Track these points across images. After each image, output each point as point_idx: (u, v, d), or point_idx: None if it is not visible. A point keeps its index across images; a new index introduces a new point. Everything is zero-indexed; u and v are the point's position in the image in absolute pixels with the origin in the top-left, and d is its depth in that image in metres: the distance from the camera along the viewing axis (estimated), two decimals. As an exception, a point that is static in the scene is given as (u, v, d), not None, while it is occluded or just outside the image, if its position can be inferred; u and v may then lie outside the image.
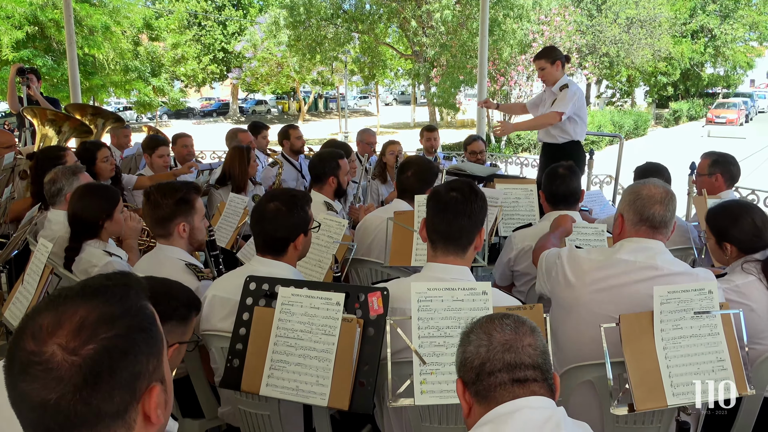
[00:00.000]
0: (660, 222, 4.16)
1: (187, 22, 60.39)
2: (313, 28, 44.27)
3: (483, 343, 2.54)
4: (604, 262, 4.21)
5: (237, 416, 4.25)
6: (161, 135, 10.87)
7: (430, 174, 6.33)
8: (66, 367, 1.69)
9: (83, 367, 1.70)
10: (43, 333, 1.73)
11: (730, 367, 3.62)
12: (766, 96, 78.55)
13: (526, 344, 2.52)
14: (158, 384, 1.89)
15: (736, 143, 38.21)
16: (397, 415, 3.98)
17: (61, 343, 1.71)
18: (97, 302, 1.81)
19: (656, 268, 4.08)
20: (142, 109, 50.13)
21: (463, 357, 2.60)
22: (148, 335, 1.87)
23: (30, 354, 1.71)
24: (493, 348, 2.51)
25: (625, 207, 4.29)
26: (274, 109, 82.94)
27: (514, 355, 2.49)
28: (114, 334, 1.77)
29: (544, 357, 2.56)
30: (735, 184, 6.87)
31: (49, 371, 1.69)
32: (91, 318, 1.76)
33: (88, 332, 1.74)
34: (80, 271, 5.35)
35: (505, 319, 2.61)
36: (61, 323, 1.74)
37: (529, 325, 2.60)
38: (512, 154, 27.41)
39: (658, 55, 52.20)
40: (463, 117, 56.23)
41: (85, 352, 1.71)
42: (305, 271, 5.40)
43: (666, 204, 4.16)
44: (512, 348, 2.50)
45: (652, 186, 4.25)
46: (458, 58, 39.18)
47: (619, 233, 4.35)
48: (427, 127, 11.92)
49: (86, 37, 36.81)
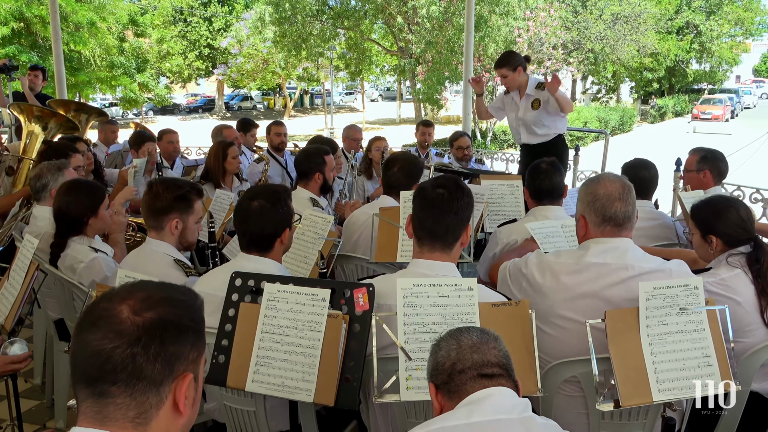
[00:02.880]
0: (623, 219, 4.12)
1: (172, 18, 60.27)
2: (298, 25, 44.23)
3: (453, 347, 2.76)
4: (574, 266, 4.15)
5: (223, 412, 4.25)
6: (148, 131, 10.85)
7: (416, 169, 6.33)
8: (128, 324, 1.96)
9: (141, 327, 1.97)
10: (118, 297, 2.04)
11: (716, 363, 3.62)
12: (751, 92, 78.92)
13: (491, 347, 2.75)
14: (192, 376, 2.10)
15: (721, 139, 38.30)
16: (383, 410, 3.97)
17: (130, 304, 2.00)
18: (165, 288, 2.15)
19: (628, 268, 4.04)
20: (127, 105, 50.18)
21: (435, 362, 2.81)
22: (197, 329, 2.15)
23: (102, 310, 2.01)
24: (462, 350, 2.73)
25: (585, 209, 4.22)
26: (260, 105, 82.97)
27: (481, 355, 2.71)
28: (173, 312, 2.06)
29: (507, 360, 2.78)
30: (723, 180, 6.88)
31: (112, 324, 1.96)
32: (158, 295, 2.07)
33: (153, 302, 2.03)
34: (66, 267, 5.35)
35: (471, 330, 2.85)
36: (134, 292, 2.06)
37: (492, 334, 2.84)
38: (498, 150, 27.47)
39: (644, 51, 52.33)
40: (448, 113, 56.28)
41: (147, 315, 1.99)
42: (291, 267, 5.39)
43: (625, 199, 4.12)
44: (479, 349, 2.73)
45: (607, 182, 4.20)
46: (444, 54, 39.21)
47: (583, 235, 4.28)
48: (424, 122, 11.93)
49: (72, 33, 36.82)
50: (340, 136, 11.61)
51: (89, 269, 5.18)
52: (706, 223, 4.67)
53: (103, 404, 1.95)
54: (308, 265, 5.48)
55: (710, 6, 61.41)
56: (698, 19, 60.60)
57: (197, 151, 15.73)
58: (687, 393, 3.59)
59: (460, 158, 10.78)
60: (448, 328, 2.88)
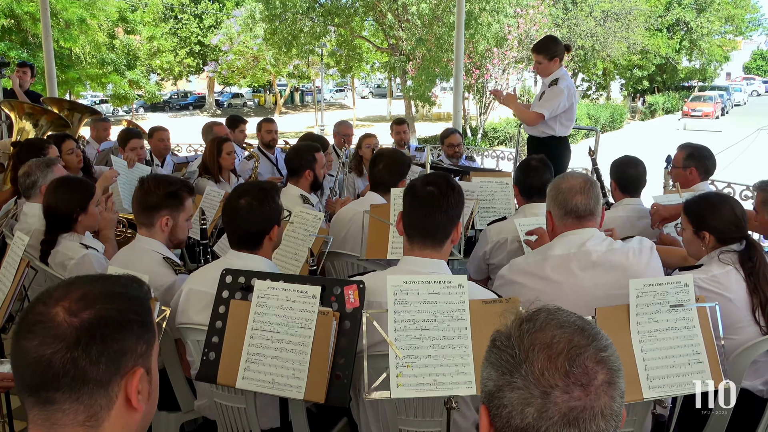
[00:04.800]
0: (584, 211, 4.27)
1: (163, 15, 60.16)
2: (288, 22, 44.11)
3: (533, 401, 1.71)
4: (542, 262, 4.30)
5: (213, 409, 4.25)
6: (138, 128, 10.85)
7: (403, 166, 6.34)
8: (65, 327, 1.88)
9: (78, 328, 1.89)
10: (53, 298, 1.94)
11: (706, 360, 3.63)
12: (742, 89, 79.03)
13: (597, 411, 1.71)
14: (143, 369, 2.02)
15: (712, 136, 38.33)
16: (373, 408, 3.98)
17: (65, 305, 1.91)
18: (103, 283, 2.06)
19: (590, 252, 4.20)
20: (118, 102, 50.09)
21: (497, 396, 1.79)
22: (142, 320, 2.05)
23: (38, 314, 1.92)
24: (549, 416, 1.70)
25: (550, 203, 4.42)
26: (251, 103, 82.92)
27: (578, 430, 1.70)
28: (112, 307, 1.97)
29: (617, 422, 1.76)
30: (710, 177, 6.89)
31: (49, 329, 1.88)
32: (96, 292, 1.99)
33: (89, 301, 1.95)
34: (56, 264, 5.35)
35: (577, 356, 1.75)
36: (69, 292, 1.96)
37: (608, 368, 1.77)
38: (488, 147, 27.48)
39: (634, 48, 52.38)
40: (439, 110, 56.29)
41: (84, 315, 1.91)
42: (281, 264, 5.40)
43: (587, 192, 4.27)
44: (577, 420, 1.70)
45: (570, 178, 4.38)
46: (434, 51, 39.18)
47: (551, 229, 4.47)
48: (396, 121, 11.92)
49: (62, 30, 36.67)
50: (331, 133, 11.61)
51: (80, 266, 5.18)
52: (700, 218, 4.68)
53: (50, 411, 1.91)
54: (298, 262, 5.49)
55: (700, 3, 61.43)
56: (689, 16, 60.62)
57: (188, 149, 15.74)
58: (677, 390, 3.60)
59: (451, 155, 10.78)
60: (438, 325, 2.86)
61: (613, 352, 1.81)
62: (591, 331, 1.84)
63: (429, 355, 3.40)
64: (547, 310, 1.88)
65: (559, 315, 1.86)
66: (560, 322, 1.83)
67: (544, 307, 1.90)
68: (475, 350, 3.43)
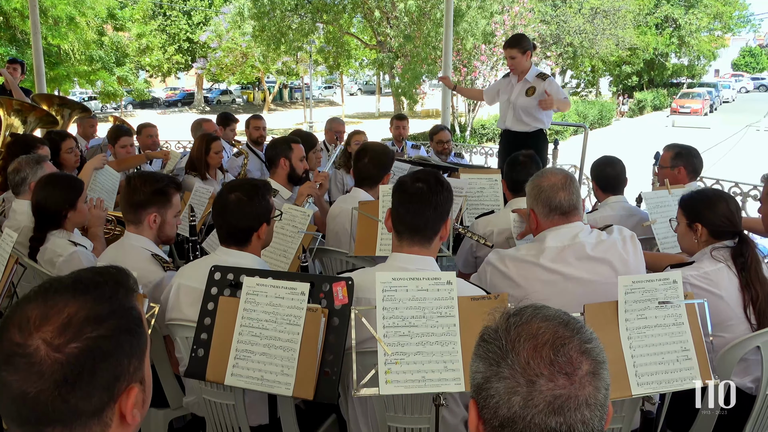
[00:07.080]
0: (569, 207, 4.33)
1: (151, 12, 60.06)
2: (277, 19, 44.11)
3: (519, 390, 1.76)
4: (536, 255, 4.32)
5: (202, 406, 4.24)
6: (126, 125, 10.83)
7: (387, 159, 6.35)
8: (48, 363, 1.69)
9: (65, 365, 1.70)
10: (30, 326, 1.73)
11: (695, 357, 3.63)
12: (730, 86, 79.16)
13: (582, 400, 1.74)
14: (137, 385, 1.88)
15: (700, 133, 38.53)
16: (362, 404, 3.98)
17: (46, 338, 1.71)
18: (86, 299, 1.81)
19: (584, 245, 4.26)
20: (106, 99, 50.00)
21: (485, 388, 1.83)
22: (132, 337, 1.87)
23: (15, 345, 1.72)
24: (534, 404, 1.74)
25: (533, 202, 4.46)
26: (239, 99, 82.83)
27: (563, 419, 1.73)
28: (99, 335, 1.77)
29: (602, 413, 1.80)
30: (698, 176, 6.92)
31: (31, 365, 1.69)
32: (79, 316, 1.76)
33: (74, 330, 1.74)
34: (45, 260, 5.34)
35: (561, 345, 1.80)
36: (49, 318, 1.74)
37: (593, 359, 1.81)
38: (477, 144, 27.51)
39: (623, 45, 52.46)
40: (424, 107, 56.30)
41: (68, 350, 1.72)
42: (270, 261, 5.39)
43: (569, 188, 4.35)
44: (562, 409, 1.73)
45: (550, 175, 4.44)
46: (421, 48, 39.22)
47: (536, 227, 4.50)
48: (398, 116, 11.99)
49: (51, 27, 36.60)
50: (320, 130, 11.63)
51: (68, 263, 5.16)
52: (695, 210, 4.71)
53: None
54: (287, 258, 5.48)
55: (689, 0, 61.59)
56: (677, 13, 60.76)
57: (176, 145, 15.72)
58: (666, 387, 3.60)
59: (439, 152, 10.80)
60: (427, 322, 2.85)
61: (597, 344, 1.85)
62: (575, 325, 1.87)
63: (418, 351, 3.41)
64: (533, 306, 1.93)
65: (545, 310, 1.91)
66: (546, 316, 1.88)
67: (531, 304, 1.96)
68: (463, 347, 3.43)
